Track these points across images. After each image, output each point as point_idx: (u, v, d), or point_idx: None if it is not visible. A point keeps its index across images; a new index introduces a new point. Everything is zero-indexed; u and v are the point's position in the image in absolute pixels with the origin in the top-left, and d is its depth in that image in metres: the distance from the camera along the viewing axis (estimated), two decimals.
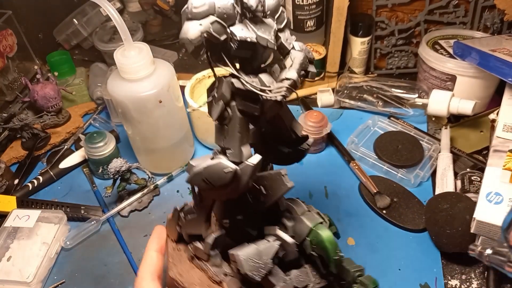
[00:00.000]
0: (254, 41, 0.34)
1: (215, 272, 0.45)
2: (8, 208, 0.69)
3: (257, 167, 0.37)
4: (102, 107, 0.89)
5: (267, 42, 0.35)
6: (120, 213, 0.69)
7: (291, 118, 0.44)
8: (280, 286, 0.42)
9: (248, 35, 0.34)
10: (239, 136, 0.39)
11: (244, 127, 0.39)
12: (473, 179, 0.65)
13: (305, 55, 0.38)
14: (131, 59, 0.60)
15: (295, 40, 0.39)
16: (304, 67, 0.38)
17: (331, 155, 0.77)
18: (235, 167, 0.36)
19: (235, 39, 0.34)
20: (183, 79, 0.85)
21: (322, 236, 0.41)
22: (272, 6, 0.36)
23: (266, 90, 0.35)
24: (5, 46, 0.85)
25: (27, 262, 0.61)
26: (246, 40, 0.34)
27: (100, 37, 0.95)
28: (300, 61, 0.37)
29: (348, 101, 0.84)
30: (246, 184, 0.37)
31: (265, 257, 0.41)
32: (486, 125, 0.75)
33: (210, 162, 0.37)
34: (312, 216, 0.43)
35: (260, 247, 0.42)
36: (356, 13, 0.87)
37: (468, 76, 0.75)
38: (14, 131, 0.80)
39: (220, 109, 0.39)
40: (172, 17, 1.05)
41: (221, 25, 0.34)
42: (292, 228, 0.43)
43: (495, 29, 0.83)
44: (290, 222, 0.44)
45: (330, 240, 0.41)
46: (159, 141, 0.70)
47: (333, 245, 0.41)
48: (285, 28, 0.38)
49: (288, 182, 0.40)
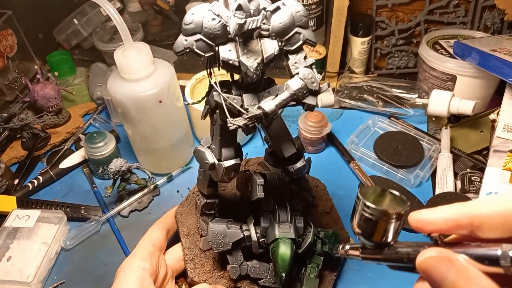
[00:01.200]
0: (236, 65, 0.35)
1: (202, 228, 0.54)
2: (8, 208, 0.69)
3: (230, 168, 0.43)
4: (102, 107, 0.89)
5: (247, 69, 0.35)
6: (120, 213, 0.69)
7: (280, 139, 0.46)
8: (229, 267, 0.49)
9: (232, 57, 0.35)
10: (219, 139, 0.44)
11: (225, 133, 0.43)
12: (473, 179, 0.65)
13: (304, 85, 0.37)
14: (131, 59, 0.60)
15: (312, 66, 0.37)
16: (297, 98, 0.37)
17: (331, 155, 0.77)
18: (213, 161, 0.44)
19: (220, 57, 0.36)
20: (183, 79, 0.85)
21: (279, 251, 0.44)
22: (277, 29, 0.35)
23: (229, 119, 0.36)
24: (5, 46, 0.85)
25: (27, 262, 0.61)
26: (229, 62, 0.35)
27: (100, 37, 0.95)
28: (292, 92, 0.37)
29: (348, 101, 0.84)
30: (225, 178, 0.44)
31: (227, 239, 0.48)
32: (486, 125, 0.74)
33: (201, 148, 0.46)
34: (287, 230, 0.46)
35: (229, 229, 0.48)
36: (356, 13, 0.87)
37: (468, 76, 0.75)
38: (14, 131, 0.80)
39: (205, 112, 0.44)
40: (172, 17, 1.04)
41: (206, 44, 0.35)
42: (264, 229, 0.48)
43: (495, 29, 0.83)
44: (265, 224, 0.47)
45: (283, 257, 0.44)
46: (159, 141, 0.69)
47: (284, 263, 0.44)
48: (298, 51, 0.37)
49: (259, 193, 0.45)
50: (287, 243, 0.45)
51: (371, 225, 0.32)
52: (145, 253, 0.51)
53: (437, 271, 0.27)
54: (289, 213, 0.47)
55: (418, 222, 0.29)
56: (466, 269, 0.26)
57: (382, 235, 0.32)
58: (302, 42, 0.37)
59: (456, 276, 0.26)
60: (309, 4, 0.86)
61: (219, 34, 0.35)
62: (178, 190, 0.73)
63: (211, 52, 0.36)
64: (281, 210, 0.47)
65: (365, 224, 0.32)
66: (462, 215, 0.27)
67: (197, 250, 0.54)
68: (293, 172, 0.50)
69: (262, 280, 0.50)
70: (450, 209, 0.28)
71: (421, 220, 0.29)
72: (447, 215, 0.28)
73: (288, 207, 0.48)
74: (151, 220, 0.69)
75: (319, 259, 0.52)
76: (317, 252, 0.52)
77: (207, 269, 0.53)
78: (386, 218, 0.31)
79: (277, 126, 0.45)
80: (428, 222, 0.29)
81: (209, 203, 0.52)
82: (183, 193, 0.73)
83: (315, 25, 0.90)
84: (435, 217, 0.29)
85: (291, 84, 0.37)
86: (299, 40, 0.37)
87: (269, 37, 0.36)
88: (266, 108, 0.36)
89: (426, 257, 0.28)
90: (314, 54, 0.87)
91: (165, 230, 0.56)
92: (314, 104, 0.38)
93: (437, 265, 0.27)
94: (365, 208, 0.32)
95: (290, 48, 0.37)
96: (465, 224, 0.27)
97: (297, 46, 0.37)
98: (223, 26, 0.35)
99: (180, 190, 0.73)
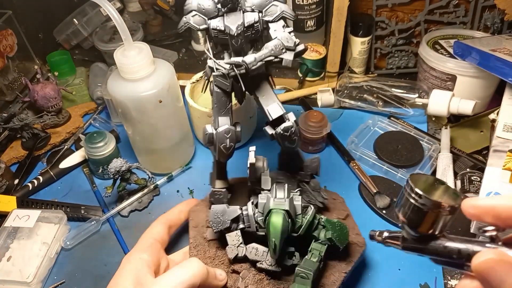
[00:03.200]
0: (222, 29, 0.45)
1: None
2: (8, 208, 0.69)
3: (224, 132, 0.48)
4: (102, 107, 0.89)
5: (229, 29, 0.44)
6: (120, 213, 0.69)
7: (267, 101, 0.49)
8: (227, 247, 0.50)
9: (219, 25, 0.45)
10: (215, 107, 0.50)
11: (221, 101, 0.49)
12: (473, 179, 0.65)
13: (280, 43, 0.44)
14: (131, 59, 0.60)
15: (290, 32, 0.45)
16: (274, 54, 0.44)
17: (331, 155, 0.77)
18: (211, 131, 0.49)
19: (210, 27, 0.45)
20: (183, 79, 0.85)
21: (271, 219, 0.45)
22: (257, 2, 0.45)
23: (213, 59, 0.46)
24: (5, 46, 0.85)
25: (27, 262, 0.61)
26: (217, 28, 0.45)
27: (100, 37, 0.95)
28: (270, 48, 0.44)
29: (348, 101, 0.84)
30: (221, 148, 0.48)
31: (226, 217, 0.50)
32: (486, 125, 0.74)
33: (205, 126, 0.50)
34: (282, 202, 0.47)
35: (229, 208, 0.51)
36: (356, 13, 0.87)
37: (468, 76, 0.75)
38: (14, 131, 0.80)
39: (203, 84, 0.51)
40: (172, 17, 1.04)
41: (200, 18, 0.46)
42: (261, 205, 0.49)
43: (495, 29, 0.83)
44: (262, 200, 0.49)
45: (274, 225, 0.44)
46: (159, 141, 0.69)
47: (275, 229, 0.44)
48: (277, 20, 0.45)
49: (250, 159, 0.49)
50: (280, 213, 0.45)
51: (420, 215, 0.30)
52: (145, 245, 0.52)
53: (497, 274, 0.25)
54: (286, 191, 0.48)
55: (475, 208, 0.27)
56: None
57: (429, 227, 0.30)
58: (280, 13, 0.45)
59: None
60: (309, 4, 0.86)
61: (210, 9, 0.45)
62: (178, 190, 0.73)
63: (205, 25, 0.46)
64: (278, 189, 0.49)
65: (413, 213, 0.30)
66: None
67: (202, 239, 0.55)
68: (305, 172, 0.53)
69: (261, 262, 0.50)
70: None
71: (479, 207, 0.27)
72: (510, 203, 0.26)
73: (286, 186, 0.49)
74: (151, 220, 0.68)
75: (322, 247, 0.50)
76: (321, 241, 0.51)
77: (208, 255, 0.53)
78: (438, 210, 0.29)
79: (264, 91, 0.49)
80: (488, 209, 0.27)
81: (216, 192, 0.54)
82: (183, 193, 0.73)
83: (315, 25, 0.90)
84: (496, 204, 0.26)
85: (269, 43, 0.45)
86: (276, 11, 0.45)
87: (252, 11, 0.45)
88: (246, 59, 0.44)
89: (485, 259, 0.26)
90: (314, 54, 0.87)
91: (167, 225, 0.57)
92: (290, 58, 0.44)
93: (497, 268, 0.25)
94: (416, 197, 0.30)
95: (269, 18, 0.45)
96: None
97: (275, 16, 0.45)
98: (213, 3, 0.45)
99: (180, 190, 0.73)
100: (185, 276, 0.42)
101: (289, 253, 0.50)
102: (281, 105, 0.49)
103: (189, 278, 0.42)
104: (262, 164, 0.52)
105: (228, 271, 0.52)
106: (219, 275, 0.48)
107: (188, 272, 0.43)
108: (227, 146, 0.49)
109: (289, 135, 0.48)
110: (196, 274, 0.42)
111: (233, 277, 0.52)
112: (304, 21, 0.88)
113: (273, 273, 0.50)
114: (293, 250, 0.50)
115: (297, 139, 0.50)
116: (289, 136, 0.48)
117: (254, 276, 0.50)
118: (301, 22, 0.89)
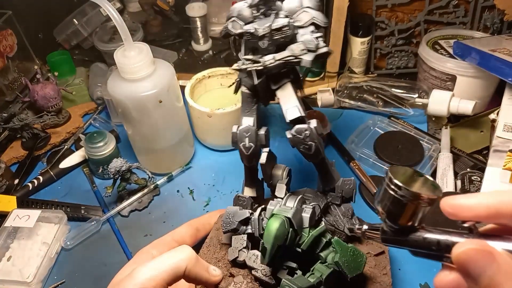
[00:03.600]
0: (252, 31, 0.46)
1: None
2: (8, 208, 0.69)
3: (244, 131, 0.49)
4: (102, 107, 0.89)
5: (254, 30, 0.45)
6: (120, 213, 0.69)
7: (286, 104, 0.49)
8: (230, 248, 0.50)
9: (250, 28, 0.46)
10: (241, 107, 0.50)
11: (246, 101, 0.50)
12: (473, 179, 0.65)
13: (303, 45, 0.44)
14: (131, 59, 0.60)
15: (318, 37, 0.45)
16: (294, 54, 0.45)
17: (331, 155, 0.77)
18: (235, 130, 0.49)
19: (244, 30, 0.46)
20: (183, 79, 0.85)
21: (268, 224, 0.43)
22: (287, 8, 0.46)
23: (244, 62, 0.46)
24: (5, 46, 0.84)
25: (27, 262, 0.61)
26: (249, 30, 0.46)
27: (100, 37, 0.95)
28: (291, 49, 0.45)
29: (348, 101, 0.84)
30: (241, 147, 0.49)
31: (236, 218, 0.49)
32: (486, 125, 0.75)
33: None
34: (286, 209, 0.45)
35: (240, 211, 0.50)
36: (356, 13, 0.87)
37: (468, 76, 0.75)
38: (14, 131, 0.80)
39: (235, 85, 0.51)
40: (172, 17, 1.04)
41: (238, 23, 0.47)
42: (269, 211, 0.48)
43: (495, 29, 0.83)
44: (271, 206, 0.48)
45: (269, 228, 0.43)
46: (159, 141, 0.69)
47: (268, 233, 0.42)
48: (307, 26, 0.46)
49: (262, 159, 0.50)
50: (279, 218, 0.43)
51: (400, 207, 0.30)
52: (160, 242, 0.52)
53: (477, 265, 0.25)
54: (297, 201, 0.47)
55: (453, 207, 0.28)
56: (508, 264, 0.24)
57: (409, 219, 0.30)
58: (309, 19, 0.45)
59: (497, 271, 0.24)
60: None
61: (247, 16, 0.46)
62: (178, 190, 0.73)
63: (240, 29, 0.46)
64: (291, 198, 0.48)
65: (392, 205, 0.30)
66: (505, 203, 0.26)
67: (217, 241, 0.55)
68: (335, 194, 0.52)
69: (255, 269, 0.48)
70: (492, 195, 0.26)
71: (457, 206, 0.27)
72: (488, 202, 0.26)
73: (298, 197, 0.47)
74: (151, 220, 0.69)
75: (325, 270, 0.45)
76: (328, 263, 0.46)
77: (215, 256, 0.53)
78: (417, 202, 0.29)
79: (285, 93, 0.48)
80: (465, 208, 0.27)
81: (240, 198, 0.53)
82: (183, 193, 0.73)
83: None
84: (474, 203, 0.27)
85: (292, 45, 0.44)
86: (307, 17, 0.45)
87: (286, 17, 0.46)
88: (265, 57, 0.45)
89: (465, 249, 0.26)
90: None
91: (194, 227, 0.57)
92: (309, 59, 0.44)
93: (477, 258, 0.25)
94: (396, 188, 0.29)
95: (299, 23, 0.45)
96: (507, 213, 0.26)
97: (305, 22, 0.45)
98: (250, 11, 0.47)
99: (180, 190, 0.73)
100: (172, 259, 0.42)
101: (290, 268, 0.46)
102: (301, 108, 0.47)
103: (176, 261, 0.42)
104: (281, 173, 0.51)
105: (226, 274, 0.51)
106: (212, 270, 0.48)
107: (175, 255, 0.43)
108: (247, 145, 0.49)
109: (303, 138, 0.47)
110: (184, 258, 0.42)
111: (229, 281, 0.51)
112: None
113: (267, 284, 0.47)
114: (294, 266, 0.46)
115: (317, 147, 0.47)
116: (303, 140, 0.47)
117: (247, 283, 0.48)
118: None
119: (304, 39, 0.44)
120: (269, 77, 0.47)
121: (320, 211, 0.50)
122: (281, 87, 0.48)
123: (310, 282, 0.43)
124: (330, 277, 0.45)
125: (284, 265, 0.46)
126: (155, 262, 0.41)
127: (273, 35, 0.45)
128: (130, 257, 0.63)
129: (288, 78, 0.48)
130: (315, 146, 0.47)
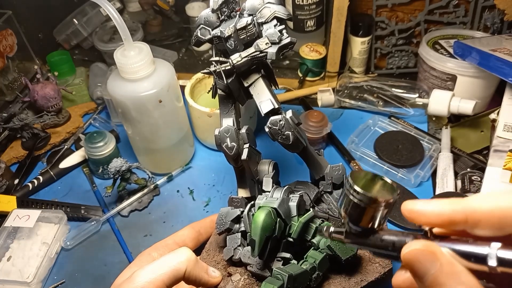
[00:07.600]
0: (219, 34, 0.48)
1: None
2: (8, 208, 0.69)
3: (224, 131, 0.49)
4: (102, 107, 0.89)
5: (220, 32, 0.48)
6: (120, 213, 0.69)
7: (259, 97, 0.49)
8: (225, 248, 0.50)
9: (217, 32, 0.48)
10: (219, 109, 0.52)
11: (223, 102, 0.52)
12: (474, 179, 0.65)
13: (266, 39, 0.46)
14: (131, 59, 0.60)
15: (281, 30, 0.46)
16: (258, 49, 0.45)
17: (331, 155, 0.76)
18: (217, 133, 0.50)
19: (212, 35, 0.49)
20: (183, 79, 0.85)
21: (254, 216, 0.43)
22: (249, 6, 0.47)
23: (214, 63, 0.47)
24: (5, 46, 0.84)
25: (27, 262, 0.61)
26: (216, 34, 0.48)
27: (100, 37, 0.95)
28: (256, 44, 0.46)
29: (348, 101, 0.84)
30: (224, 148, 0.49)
31: (228, 218, 0.50)
32: (487, 125, 0.74)
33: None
34: (272, 200, 0.46)
35: (232, 210, 0.51)
36: (356, 13, 0.87)
37: (468, 76, 0.75)
38: (14, 131, 0.80)
39: (212, 89, 0.52)
40: (172, 17, 1.04)
41: (206, 30, 0.49)
42: (258, 205, 0.47)
43: (495, 29, 0.83)
44: (259, 200, 0.47)
45: (255, 220, 0.43)
46: (159, 141, 0.69)
47: (255, 225, 0.42)
48: (270, 21, 0.47)
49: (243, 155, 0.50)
50: (265, 209, 0.43)
51: (359, 211, 0.31)
52: (161, 245, 0.53)
53: (421, 264, 0.27)
54: (283, 192, 0.47)
55: (411, 212, 0.29)
56: (450, 264, 0.26)
57: (369, 221, 0.32)
58: (271, 13, 0.46)
59: (439, 270, 0.26)
60: (309, 4, 0.86)
61: (213, 21, 0.49)
62: (178, 190, 0.73)
63: (209, 35, 0.49)
64: (277, 190, 0.48)
65: (352, 209, 0.32)
66: (457, 211, 0.27)
67: (216, 245, 0.55)
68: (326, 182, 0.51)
69: (250, 265, 0.48)
70: (446, 204, 0.28)
71: (415, 211, 0.29)
72: (442, 210, 0.28)
73: (284, 188, 0.48)
74: (151, 220, 0.69)
75: (319, 255, 0.45)
76: (320, 249, 0.46)
77: (215, 259, 0.53)
78: (375, 205, 0.31)
79: (258, 88, 0.49)
80: (421, 214, 0.28)
81: (234, 199, 0.53)
82: (183, 193, 0.73)
83: (315, 25, 0.90)
84: (430, 210, 0.28)
85: (257, 41, 0.46)
86: (268, 13, 0.46)
87: (249, 16, 0.47)
88: (232, 57, 0.46)
89: (411, 249, 0.28)
90: (314, 54, 0.87)
91: (196, 229, 0.56)
92: (273, 51, 0.44)
93: (422, 258, 0.27)
94: (354, 193, 0.31)
95: (262, 20, 0.46)
96: (459, 220, 0.27)
97: (267, 17, 0.46)
98: (216, 16, 0.49)
99: (180, 190, 0.73)
100: (171, 261, 0.42)
101: (285, 259, 0.46)
102: (275, 101, 0.47)
103: (176, 263, 0.42)
104: (267, 167, 0.51)
105: (225, 274, 0.51)
106: (211, 272, 0.48)
107: (175, 257, 0.43)
108: (229, 145, 0.49)
109: (278, 128, 0.47)
110: (183, 260, 0.43)
111: (227, 280, 0.51)
112: (304, 21, 0.88)
113: (263, 278, 0.46)
114: (289, 256, 0.46)
115: (295, 136, 0.47)
116: (279, 130, 0.47)
117: (244, 280, 0.49)
118: (301, 22, 0.89)
119: (268, 33, 0.45)
120: (239, 75, 0.48)
121: (311, 200, 0.51)
122: (253, 84, 0.49)
123: (303, 269, 0.44)
124: (324, 262, 0.45)
125: (279, 256, 0.46)
126: (154, 265, 0.41)
127: (239, 35, 0.47)
128: (130, 257, 0.63)
129: (259, 73, 0.49)
130: (292, 135, 0.47)
